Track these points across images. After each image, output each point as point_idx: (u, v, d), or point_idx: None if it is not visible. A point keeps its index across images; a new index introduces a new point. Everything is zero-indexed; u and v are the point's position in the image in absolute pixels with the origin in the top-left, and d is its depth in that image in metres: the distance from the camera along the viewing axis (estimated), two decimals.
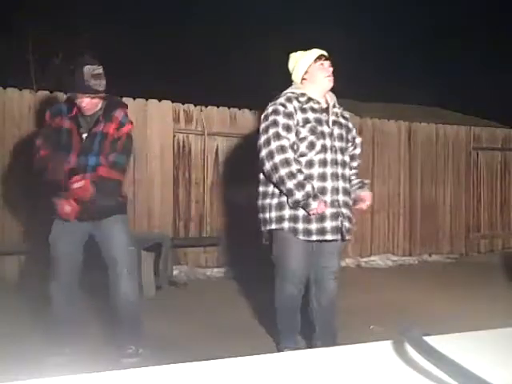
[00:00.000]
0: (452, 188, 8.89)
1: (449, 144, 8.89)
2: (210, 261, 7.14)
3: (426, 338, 0.80)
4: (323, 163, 3.61)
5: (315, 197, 3.53)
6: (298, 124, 3.61)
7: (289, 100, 3.65)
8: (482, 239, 9.19)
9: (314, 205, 3.51)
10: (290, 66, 3.82)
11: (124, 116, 3.71)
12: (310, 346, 3.79)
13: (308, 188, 3.51)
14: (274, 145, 3.56)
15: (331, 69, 3.75)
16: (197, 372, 0.78)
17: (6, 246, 5.88)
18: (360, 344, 0.90)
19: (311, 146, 3.61)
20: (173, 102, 7.02)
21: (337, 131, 3.71)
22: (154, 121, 6.81)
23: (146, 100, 6.84)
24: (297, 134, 3.60)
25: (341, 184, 3.67)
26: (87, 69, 3.50)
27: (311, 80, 3.73)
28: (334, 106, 3.78)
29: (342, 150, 3.72)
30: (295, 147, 3.60)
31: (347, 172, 3.75)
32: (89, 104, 3.57)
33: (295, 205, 3.55)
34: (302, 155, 3.61)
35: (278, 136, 3.56)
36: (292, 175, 3.52)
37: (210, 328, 4.49)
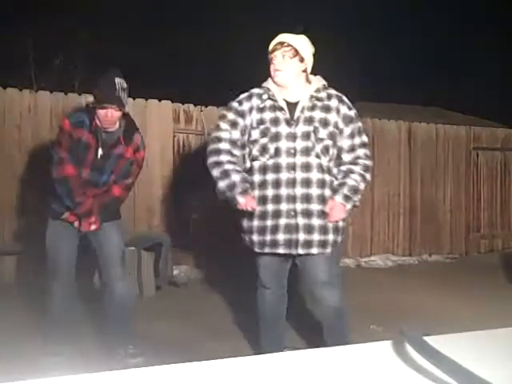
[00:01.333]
0: (452, 188, 8.89)
1: (449, 144, 8.89)
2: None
3: (426, 338, 0.80)
4: (276, 168, 3.24)
5: (244, 191, 3.23)
6: (251, 125, 3.32)
7: (249, 98, 3.39)
8: (482, 239, 9.18)
9: (241, 200, 3.22)
10: None
11: (141, 141, 3.71)
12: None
13: (234, 178, 3.24)
14: (212, 135, 3.41)
15: (286, 60, 3.31)
16: (197, 372, 0.78)
17: (5, 246, 5.88)
18: (360, 344, 0.90)
19: (263, 149, 3.28)
20: (173, 102, 7.02)
21: (301, 130, 3.28)
22: (153, 121, 6.80)
23: (146, 100, 6.84)
24: (249, 136, 3.33)
25: (300, 191, 3.23)
26: (118, 81, 3.46)
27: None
28: (312, 98, 3.33)
29: (308, 151, 3.25)
30: (247, 150, 3.33)
31: (314, 176, 3.26)
32: (113, 118, 3.49)
33: (221, 196, 3.30)
34: (254, 159, 3.31)
35: (217, 128, 3.38)
36: (218, 164, 3.28)
37: (209, 328, 4.48)
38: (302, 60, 3.32)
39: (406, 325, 0.84)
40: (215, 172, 3.28)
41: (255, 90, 3.40)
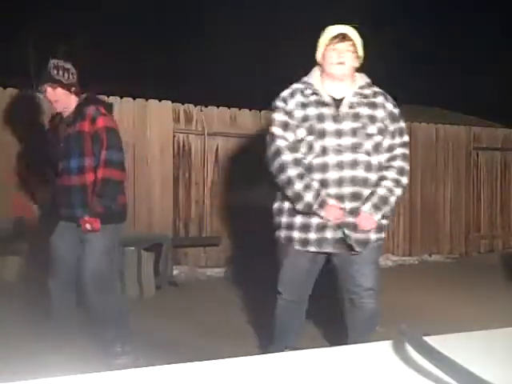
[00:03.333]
0: (452, 188, 8.89)
1: (449, 144, 8.88)
2: (210, 261, 7.14)
3: (426, 338, 0.80)
4: (322, 168, 3.12)
5: (322, 204, 3.10)
6: (297, 123, 3.18)
7: (292, 94, 3.23)
8: (482, 239, 9.18)
9: (322, 213, 3.11)
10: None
11: (95, 110, 3.52)
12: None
13: (307, 198, 3.11)
14: (270, 148, 3.21)
15: (350, 55, 3.20)
16: (197, 372, 0.78)
17: (7, 247, 5.87)
18: (360, 344, 0.90)
19: (309, 148, 3.14)
20: (173, 102, 7.02)
21: (349, 125, 3.14)
22: (153, 121, 6.81)
23: (146, 100, 6.84)
24: (295, 134, 3.19)
25: (348, 189, 3.13)
26: (52, 61, 3.57)
27: (323, 66, 3.24)
28: (357, 94, 3.22)
29: (355, 148, 3.13)
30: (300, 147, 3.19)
31: (361, 173, 3.15)
32: (51, 95, 3.55)
33: (306, 209, 3.14)
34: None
35: (273, 137, 3.20)
36: (288, 182, 3.14)
37: (209, 328, 4.48)
38: (357, 57, 3.24)
39: (406, 325, 0.84)
40: (289, 192, 3.16)
41: (297, 86, 3.26)
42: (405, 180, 3.29)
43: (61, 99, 3.57)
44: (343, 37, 3.17)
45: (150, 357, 3.57)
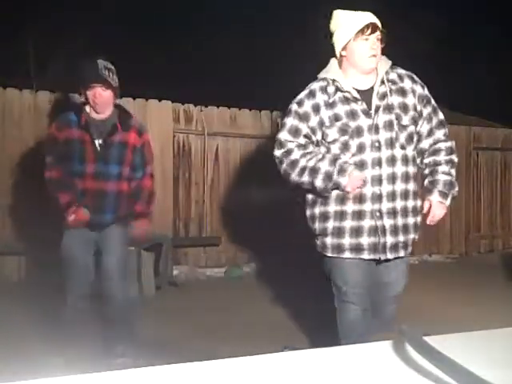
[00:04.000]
0: None
1: None
2: (210, 261, 7.14)
3: (425, 338, 0.80)
4: (360, 166, 2.92)
5: (341, 171, 2.89)
6: (323, 124, 2.96)
7: (311, 95, 3.01)
8: (482, 239, 9.19)
9: (344, 181, 2.88)
10: (332, 29, 3.05)
11: (140, 124, 3.70)
12: None
13: (323, 167, 2.91)
14: (279, 152, 3.04)
15: (378, 44, 2.97)
16: (197, 372, 0.78)
17: (7, 247, 5.88)
18: (360, 344, 0.90)
19: (345, 147, 2.94)
20: (173, 102, 7.03)
21: (383, 118, 2.94)
22: (154, 121, 6.81)
23: (146, 100, 6.84)
24: (324, 136, 2.97)
25: (387, 188, 2.94)
26: (101, 62, 3.48)
27: (350, 60, 2.99)
28: (382, 82, 2.99)
29: (392, 142, 2.93)
30: (322, 150, 3.00)
31: (400, 169, 2.95)
32: (101, 97, 3.45)
33: (324, 193, 2.95)
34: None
35: (280, 144, 3.04)
36: (302, 169, 2.96)
37: (209, 328, 4.48)
38: (383, 44, 3.02)
39: (406, 325, 0.84)
40: (305, 177, 2.95)
41: (316, 85, 3.02)
42: (456, 158, 3.12)
43: (106, 102, 3.50)
44: (373, 26, 2.94)
45: (150, 357, 3.57)
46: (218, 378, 0.77)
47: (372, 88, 2.99)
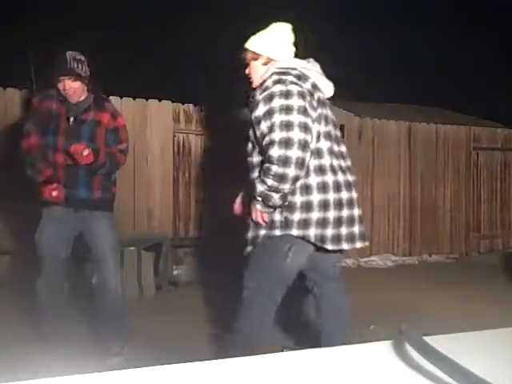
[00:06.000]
0: (452, 188, 8.89)
1: (449, 144, 8.89)
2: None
3: (425, 338, 0.80)
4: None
5: None
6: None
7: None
8: (482, 239, 9.19)
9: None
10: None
11: (115, 109, 3.83)
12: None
13: None
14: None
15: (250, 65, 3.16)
16: (197, 372, 0.78)
17: None
18: (360, 344, 0.90)
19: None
20: (173, 102, 7.02)
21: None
22: (153, 121, 6.81)
23: (146, 100, 6.84)
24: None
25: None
26: (69, 54, 3.59)
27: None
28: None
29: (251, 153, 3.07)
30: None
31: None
32: (70, 88, 3.57)
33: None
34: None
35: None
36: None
37: (209, 328, 4.48)
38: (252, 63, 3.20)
39: (406, 325, 0.84)
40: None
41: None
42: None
43: (78, 91, 3.62)
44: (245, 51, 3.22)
45: (150, 357, 3.57)
46: (218, 377, 0.77)
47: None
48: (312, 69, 3.08)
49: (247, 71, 3.17)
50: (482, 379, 0.69)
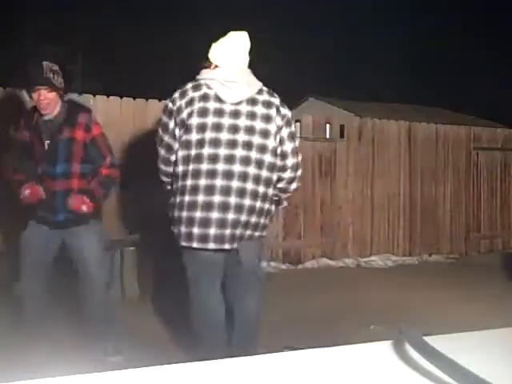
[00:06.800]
0: (452, 188, 8.89)
1: (449, 144, 8.89)
2: None
3: (425, 338, 0.80)
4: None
5: None
6: None
7: None
8: (482, 239, 9.18)
9: None
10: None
11: (88, 118, 3.67)
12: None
13: None
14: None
15: None
16: (197, 372, 0.78)
17: None
18: (360, 344, 0.90)
19: None
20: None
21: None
22: (154, 121, 6.80)
23: (146, 100, 6.83)
24: None
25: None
26: (46, 64, 3.54)
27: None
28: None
29: None
30: None
31: None
32: (45, 98, 3.52)
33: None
34: None
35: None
36: None
37: None
38: None
39: (406, 325, 0.84)
40: None
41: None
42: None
43: (52, 102, 3.56)
44: None
45: (149, 357, 3.57)
46: (217, 378, 0.77)
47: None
48: (217, 78, 3.17)
49: None
50: (482, 379, 0.69)
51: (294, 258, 7.50)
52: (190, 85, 3.21)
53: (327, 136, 7.82)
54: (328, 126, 7.85)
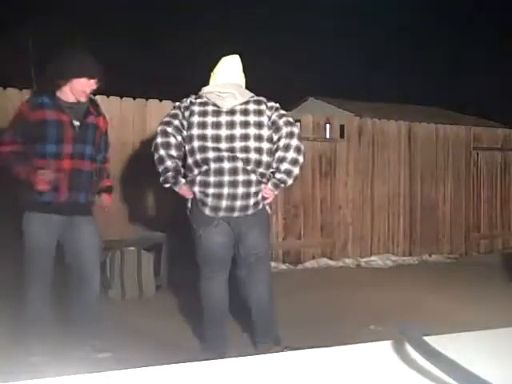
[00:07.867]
0: (452, 188, 8.89)
1: (449, 144, 8.89)
2: None
3: (425, 338, 0.80)
4: None
5: None
6: None
7: None
8: (482, 239, 9.18)
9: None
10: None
11: (103, 112, 3.90)
12: None
13: None
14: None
15: None
16: (197, 372, 0.78)
17: None
18: (360, 344, 0.90)
19: None
20: (173, 102, 7.02)
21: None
22: (154, 121, 6.80)
23: (146, 100, 6.84)
24: None
25: None
26: (89, 56, 3.66)
27: None
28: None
29: None
30: None
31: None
32: (90, 90, 3.64)
33: None
34: None
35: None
36: None
37: None
38: None
39: (406, 324, 0.84)
40: None
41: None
42: None
43: (88, 92, 3.67)
44: None
45: (150, 357, 3.57)
46: (217, 378, 0.77)
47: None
48: (214, 91, 3.80)
49: None
50: (482, 379, 0.69)
51: (294, 257, 7.50)
52: (193, 96, 3.92)
53: (327, 136, 7.82)
54: (328, 125, 7.86)
